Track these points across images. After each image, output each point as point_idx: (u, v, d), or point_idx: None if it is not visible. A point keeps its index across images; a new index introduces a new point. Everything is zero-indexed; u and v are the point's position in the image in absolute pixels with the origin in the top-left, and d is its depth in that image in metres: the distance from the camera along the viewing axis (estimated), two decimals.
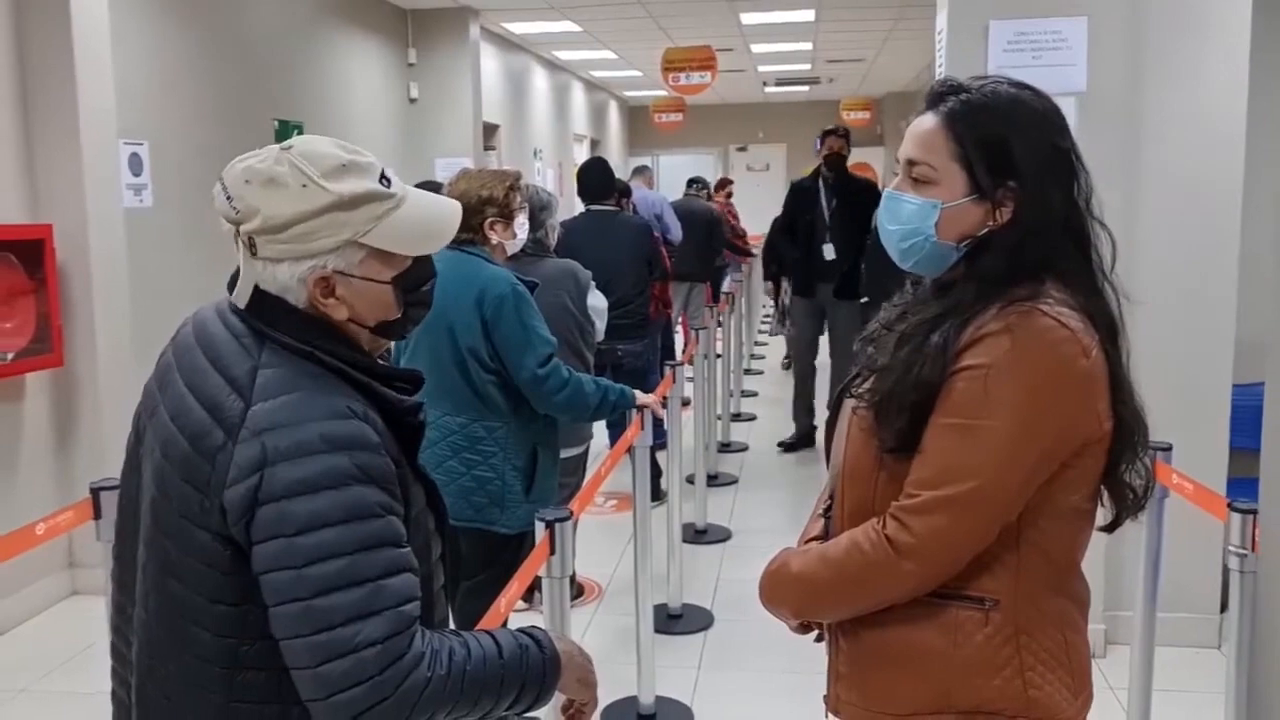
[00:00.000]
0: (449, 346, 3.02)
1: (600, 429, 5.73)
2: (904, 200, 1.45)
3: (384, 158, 5.77)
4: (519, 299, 3.00)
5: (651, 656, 3.38)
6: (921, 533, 1.34)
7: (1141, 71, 3.54)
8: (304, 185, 1.27)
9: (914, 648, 1.41)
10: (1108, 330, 1.39)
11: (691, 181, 9.83)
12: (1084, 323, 1.36)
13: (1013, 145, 1.38)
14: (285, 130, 6.45)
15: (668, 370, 4.11)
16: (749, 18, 9.83)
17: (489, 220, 3.10)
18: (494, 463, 3.04)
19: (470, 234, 3.06)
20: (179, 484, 1.30)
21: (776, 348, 10.35)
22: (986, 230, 1.41)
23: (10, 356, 3.96)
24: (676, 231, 8.34)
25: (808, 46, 11.88)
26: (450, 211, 1.42)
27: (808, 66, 13.67)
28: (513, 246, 3.25)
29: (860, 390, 1.46)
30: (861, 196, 6.23)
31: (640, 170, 8.71)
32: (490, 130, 9.95)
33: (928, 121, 1.43)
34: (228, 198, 1.30)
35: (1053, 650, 1.41)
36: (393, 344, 2.89)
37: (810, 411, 6.78)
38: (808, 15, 9.85)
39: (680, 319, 8.25)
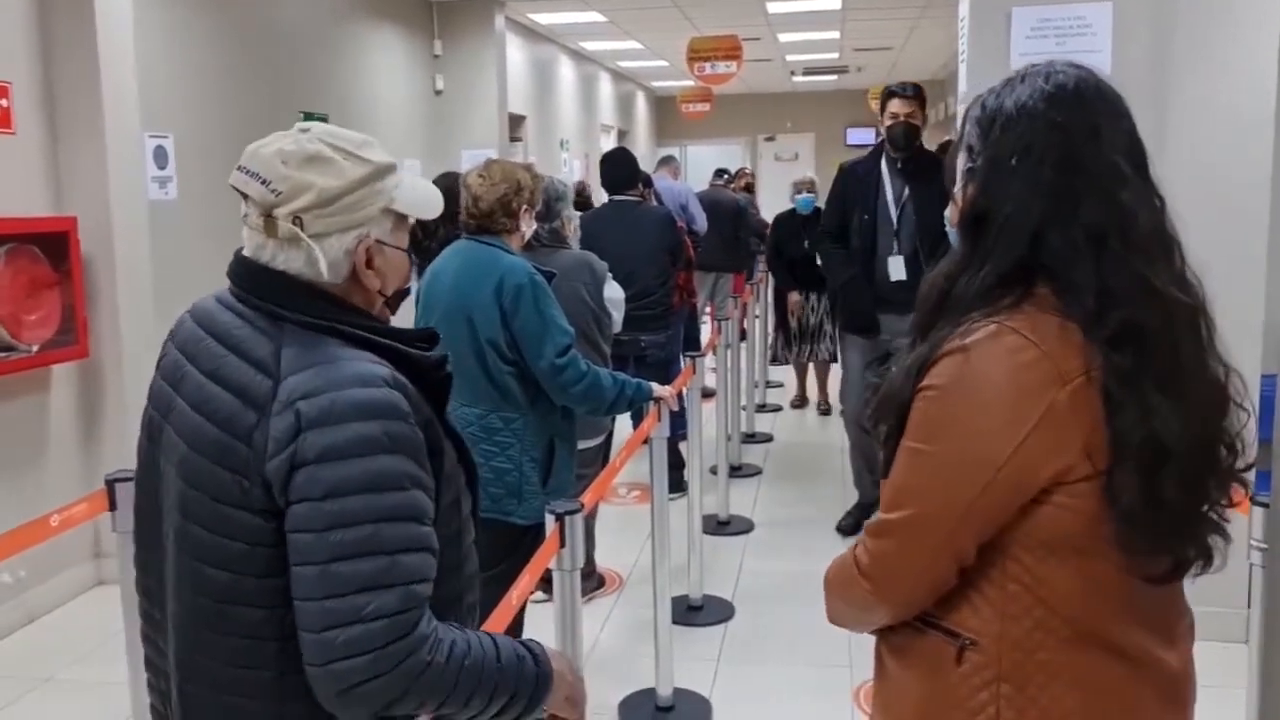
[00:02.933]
0: (467, 337, 3.02)
1: (623, 419, 5.73)
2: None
3: (410, 150, 5.83)
4: (537, 289, 3.00)
5: (670, 648, 3.37)
6: (873, 555, 1.32)
7: (1168, 57, 3.47)
8: (346, 158, 1.33)
9: (900, 672, 1.37)
10: (1132, 340, 1.20)
11: (719, 172, 9.82)
12: (1072, 341, 1.22)
13: (989, 124, 1.30)
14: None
15: (687, 361, 4.08)
16: (775, 6, 9.77)
17: (523, 207, 3.11)
18: (511, 454, 3.04)
19: (507, 219, 3.08)
20: (212, 470, 1.31)
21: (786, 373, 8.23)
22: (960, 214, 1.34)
23: (35, 348, 4.00)
24: (702, 222, 8.32)
25: (835, 35, 11.79)
26: (432, 184, 1.50)
27: (835, 55, 13.57)
28: (527, 235, 3.25)
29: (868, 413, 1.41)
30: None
31: (666, 160, 8.69)
32: (516, 121, 9.95)
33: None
34: (263, 182, 1.32)
35: (1055, 712, 1.26)
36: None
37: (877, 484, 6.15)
38: (834, 3, 9.77)
39: (707, 309, 8.22)
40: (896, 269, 4.46)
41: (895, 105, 4.49)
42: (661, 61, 13.50)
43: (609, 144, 14.71)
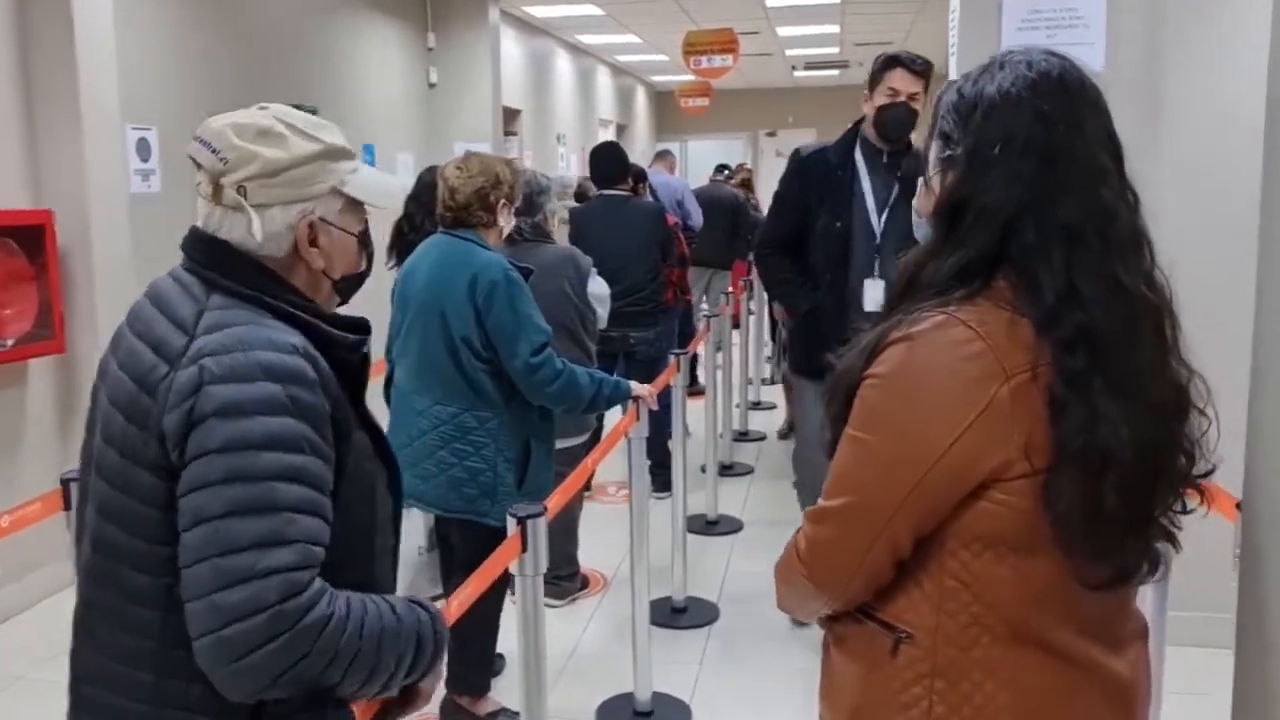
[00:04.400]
0: (441, 333, 2.96)
1: (614, 415, 5.67)
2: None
3: (404, 142, 5.75)
4: (512, 285, 2.94)
5: (648, 651, 3.31)
6: (810, 541, 1.31)
7: (1161, 50, 3.40)
8: (296, 134, 1.39)
9: (840, 661, 1.35)
10: (1087, 343, 1.17)
11: (720, 168, 9.78)
12: (1021, 336, 1.18)
13: (967, 112, 1.26)
14: None
15: (671, 359, 4.02)
16: (773, 0, 9.69)
17: (501, 201, 3.04)
18: (486, 454, 2.98)
19: (484, 213, 3.01)
20: (123, 425, 1.33)
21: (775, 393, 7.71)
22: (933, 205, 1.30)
23: (11, 343, 3.94)
24: (697, 218, 8.25)
25: (835, 29, 11.70)
26: (394, 177, 1.49)
27: (836, 50, 13.48)
28: (506, 230, 3.18)
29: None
30: None
31: (662, 155, 8.62)
32: (511, 115, 9.87)
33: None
34: (212, 150, 1.36)
35: (988, 710, 1.24)
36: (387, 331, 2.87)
37: None
38: None
39: (704, 304, 8.15)
40: (874, 296, 3.31)
41: (898, 79, 3.32)
42: (661, 56, 13.41)
43: (608, 138, 14.64)
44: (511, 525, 2.06)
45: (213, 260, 1.39)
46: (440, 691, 3.22)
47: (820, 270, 3.48)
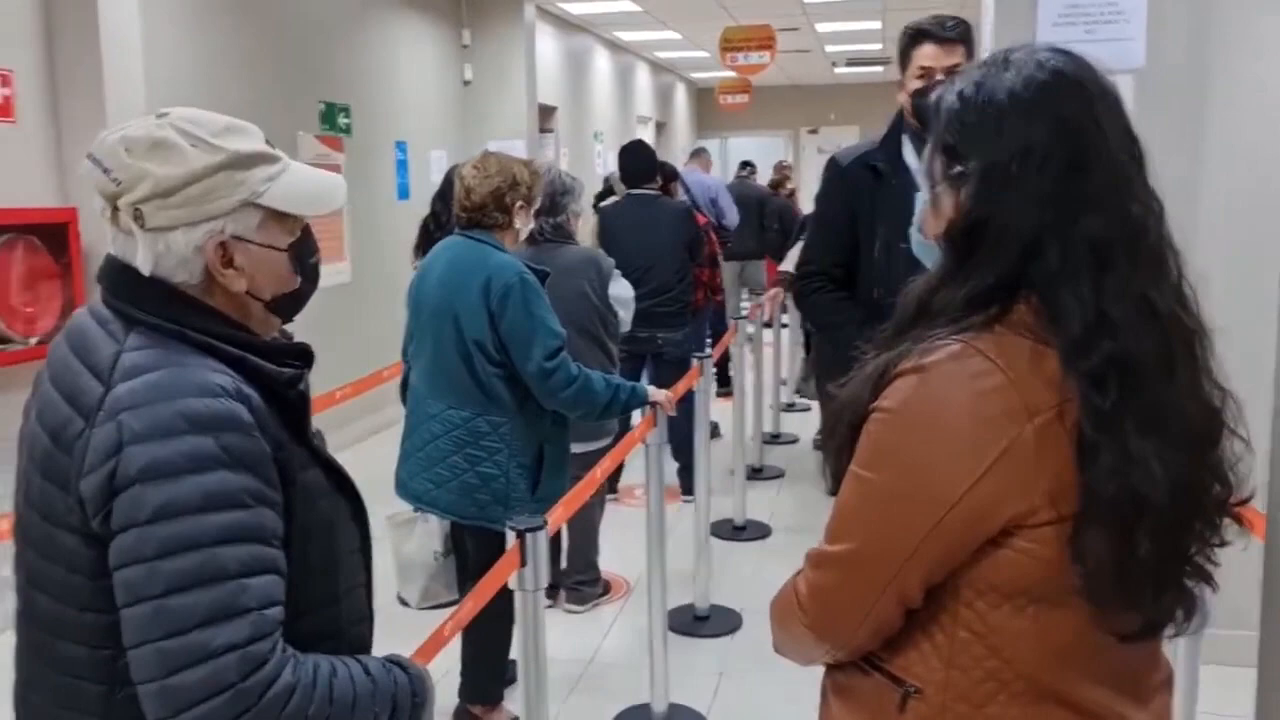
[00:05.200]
0: (454, 337, 2.91)
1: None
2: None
3: (438, 141, 5.71)
4: (526, 288, 2.87)
5: (665, 661, 3.23)
6: (812, 588, 1.20)
7: (1205, 45, 3.26)
8: (194, 145, 1.22)
9: (842, 713, 1.25)
10: (1119, 373, 1.07)
11: (744, 164, 9.74)
12: (1046, 369, 1.08)
13: (975, 119, 1.14)
14: (331, 113, 6.40)
15: (694, 362, 3.94)
16: None
17: (518, 203, 2.98)
18: (498, 459, 2.92)
19: (500, 214, 2.95)
20: (40, 484, 1.22)
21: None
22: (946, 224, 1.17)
23: (35, 340, 3.94)
24: (732, 216, 8.17)
25: (876, 25, 11.54)
26: (337, 178, 1.37)
27: (879, 46, 13.30)
28: (523, 235, 3.12)
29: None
30: None
31: (697, 153, 8.55)
32: (547, 112, 9.84)
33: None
34: (104, 170, 1.22)
35: None
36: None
37: None
38: None
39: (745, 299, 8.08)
40: None
41: (928, 55, 2.68)
42: (701, 52, 13.31)
43: (647, 136, 14.56)
44: (510, 539, 2.00)
45: (125, 291, 1.25)
46: (454, 700, 3.17)
47: (883, 303, 2.56)
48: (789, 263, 4.47)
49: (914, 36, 2.74)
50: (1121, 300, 1.08)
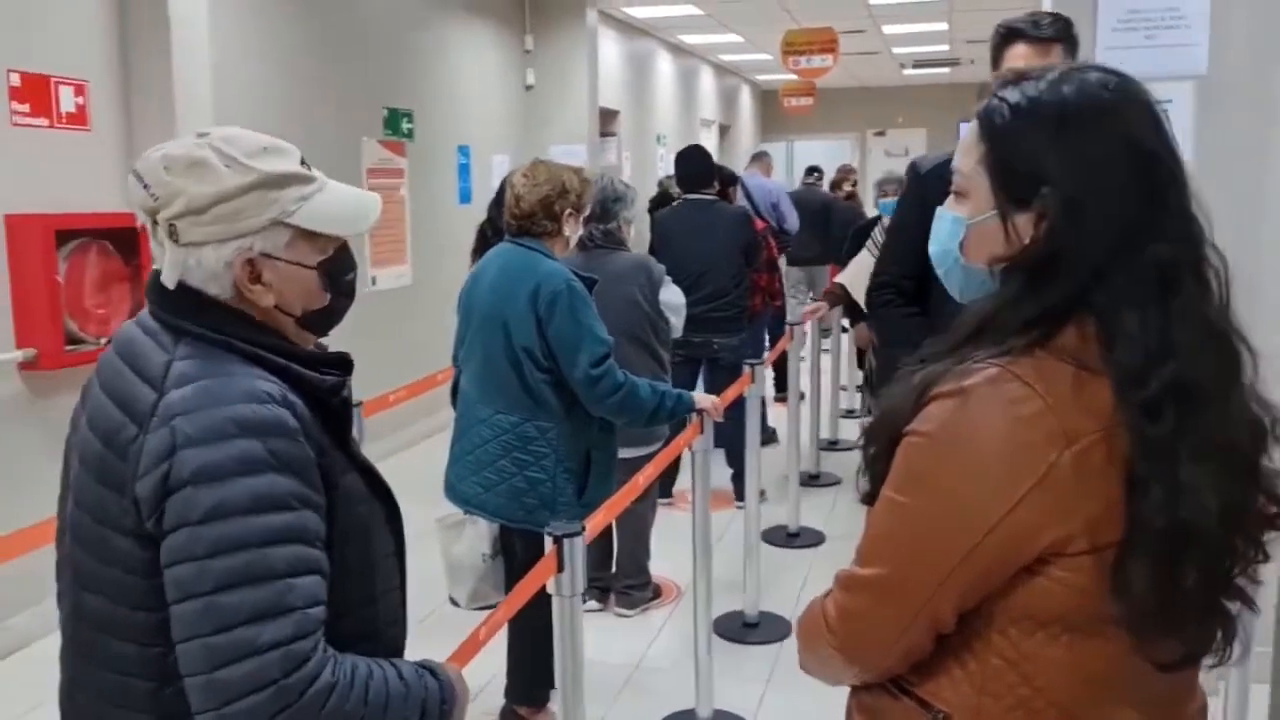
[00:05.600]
0: (503, 343, 2.95)
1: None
2: (942, 215, 1.25)
3: (500, 145, 5.77)
4: (574, 295, 2.90)
5: (710, 667, 3.24)
6: (841, 611, 1.19)
7: (1268, 51, 3.18)
8: (228, 165, 1.26)
9: None
10: (1177, 401, 1.04)
11: (811, 170, 9.72)
12: (1088, 396, 1.06)
13: (1044, 144, 1.11)
14: (395, 119, 6.51)
15: (745, 369, 3.94)
16: None
17: (567, 211, 3.02)
18: (546, 464, 2.96)
19: (549, 221, 2.99)
20: (95, 488, 1.26)
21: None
22: (1015, 252, 1.14)
23: (105, 341, 4.07)
24: (793, 221, 8.14)
25: (944, 27, 11.40)
26: (372, 199, 1.40)
27: (946, 48, 13.14)
28: (573, 242, 3.15)
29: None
30: None
31: (758, 157, 8.54)
32: (609, 116, 9.89)
33: (971, 122, 1.21)
34: (145, 186, 1.27)
35: None
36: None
37: None
38: None
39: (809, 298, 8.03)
40: None
41: (1019, 55, 2.48)
42: (765, 55, 13.26)
43: (710, 139, 14.54)
44: (548, 544, 2.02)
45: (172, 304, 1.30)
46: (500, 701, 3.21)
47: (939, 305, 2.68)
48: (846, 275, 4.42)
49: (1005, 36, 2.52)
50: (1187, 324, 1.07)
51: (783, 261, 8.54)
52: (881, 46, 12.75)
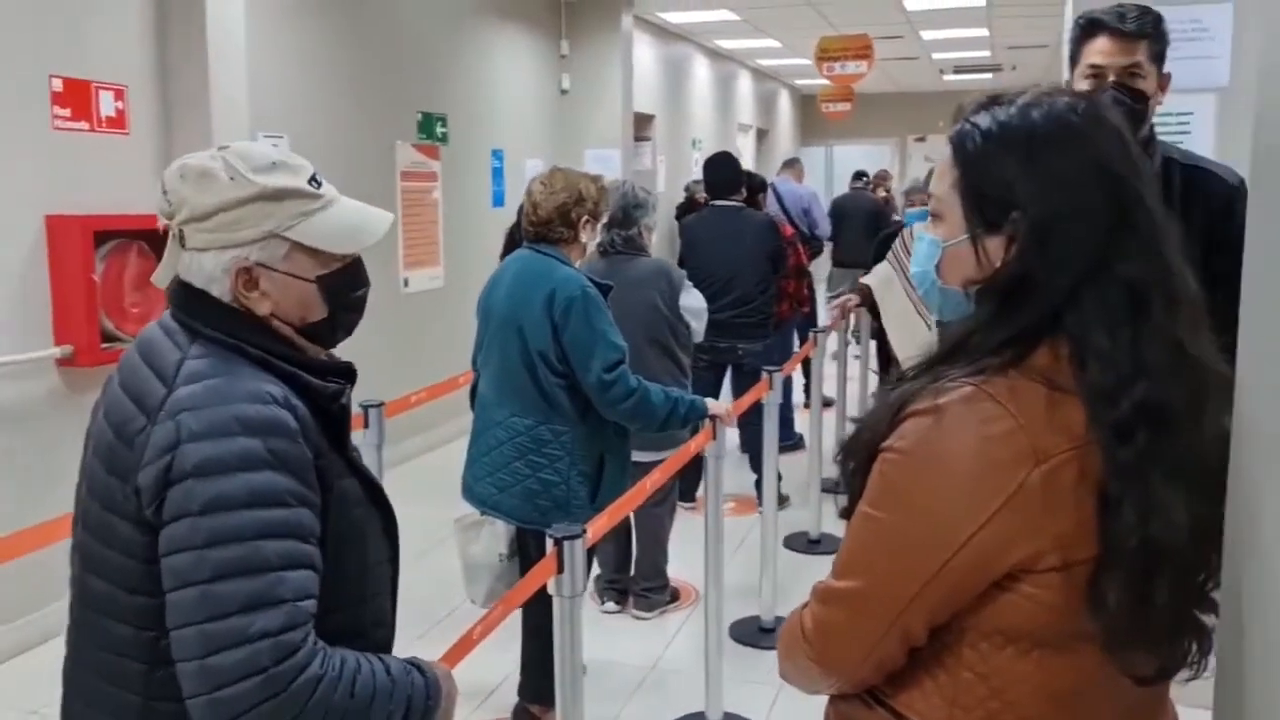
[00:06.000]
0: (518, 347, 3.01)
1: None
2: (920, 236, 1.27)
3: (534, 149, 5.84)
4: (589, 301, 2.95)
5: (721, 670, 3.28)
6: (817, 622, 1.21)
7: None
8: (232, 178, 1.33)
9: None
10: (1148, 423, 1.06)
11: (858, 174, 9.78)
12: (1060, 415, 1.08)
13: (1014, 169, 1.13)
14: (429, 123, 6.60)
15: (764, 375, 3.96)
16: (913, 3, 9.45)
17: (584, 218, 3.07)
18: (559, 467, 3.00)
19: (565, 229, 3.04)
20: (103, 476, 1.33)
21: None
22: (987, 275, 1.17)
23: None
24: (825, 227, 8.16)
25: (984, 33, 11.33)
26: (379, 219, 1.45)
27: (987, 53, 13.06)
28: (590, 248, 3.20)
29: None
30: (1215, 200, 2.25)
31: (790, 163, 8.57)
32: (645, 120, 9.93)
33: (946, 145, 1.23)
34: (164, 192, 1.35)
35: None
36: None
37: None
38: (978, 0, 9.38)
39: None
40: None
41: (1100, 49, 2.26)
42: (803, 59, 13.25)
43: (748, 144, 14.55)
44: (549, 545, 2.07)
45: (186, 305, 1.37)
46: (512, 699, 3.27)
47: None
48: (875, 275, 4.41)
49: (1085, 28, 2.33)
50: (1157, 344, 1.09)
51: (820, 266, 8.53)
52: (920, 52, 12.69)
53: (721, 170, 5.40)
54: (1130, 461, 1.06)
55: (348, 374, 1.46)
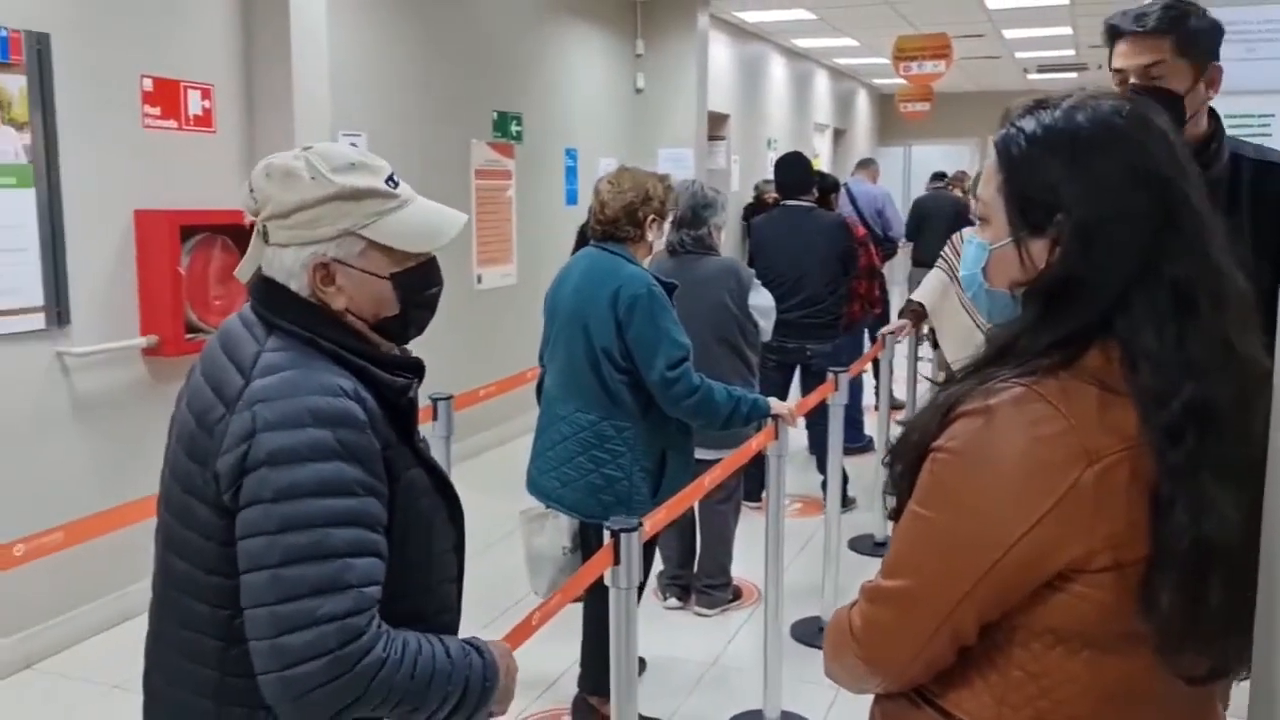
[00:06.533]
0: (583, 343, 3.05)
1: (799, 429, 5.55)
2: (969, 240, 1.28)
3: (608, 148, 5.91)
4: (653, 300, 2.99)
5: (780, 668, 3.29)
6: (866, 621, 1.22)
7: None
8: (313, 177, 1.39)
9: None
10: (1198, 422, 1.06)
11: (938, 175, 9.69)
12: (1112, 416, 1.08)
13: (1058, 172, 1.14)
14: (504, 122, 6.70)
15: (830, 376, 3.96)
16: (995, 2, 9.31)
17: (650, 217, 3.11)
18: (622, 462, 3.04)
19: (632, 228, 3.09)
20: (185, 461, 1.40)
21: None
22: (1031, 278, 1.18)
23: None
24: (899, 228, 8.08)
25: (1067, 31, 11.11)
26: (453, 219, 1.49)
27: (1071, 52, 12.78)
28: (657, 247, 3.24)
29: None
30: None
31: (864, 164, 8.49)
32: (719, 120, 9.94)
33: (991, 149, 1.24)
34: (250, 190, 1.42)
35: None
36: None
37: None
38: None
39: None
40: None
41: (1121, 55, 2.25)
42: (881, 59, 13.12)
43: (824, 144, 14.46)
44: (606, 537, 2.11)
45: (265, 298, 1.43)
46: (572, 690, 3.32)
47: None
48: (922, 292, 4.26)
49: (1108, 34, 2.31)
50: (1204, 344, 1.09)
51: (899, 267, 8.42)
52: (1003, 51, 12.48)
53: (792, 170, 5.39)
54: (1181, 463, 1.06)
55: (416, 369, 1.51)
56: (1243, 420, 1.09)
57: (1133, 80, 2.22)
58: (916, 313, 4.30)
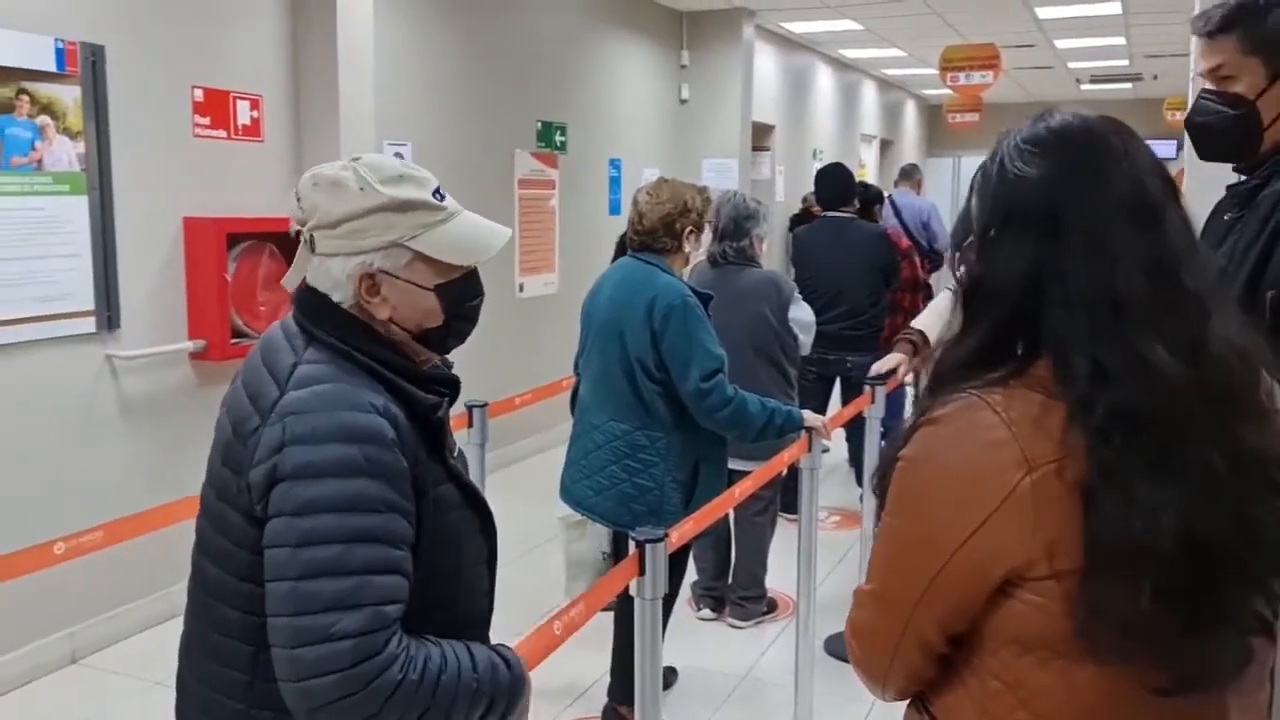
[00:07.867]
0: (618, 353, 3.07)
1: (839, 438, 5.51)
2: None
3: (652, 158, 5.96)
4: (688, 311, 3.00)
5: (810, 684, 3.27)
6: (850, 622, 1.26)
7: None
8: (361, 188, 1.40)
9: None
10: (1122, 426, 1.06)
11: None
12: (1051, 424, 1.08)
13: (982, 180, 1.21)
14: (548, 132, 6.75)
15: (866, 388, 3.93)
16: (1046, 12, 9.20)
17: (688, 229, 3.12)
18: (654, 472, 3.05)
19: (669, 239, 3.10)
20: (220, 469, 1.42)
21: None
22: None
23: None
24: (944, 240, 7.98)
25: (1121, 41, 10.96)
26: (498, 233, 1.50)
27: (1125, 62, 12.61)
28: (694, 259, 3.25)
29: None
30: None
31: (908, 174, 8.40)
32: (765, 130, 9.92)
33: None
34: (297, 199, 1.43)
35: None
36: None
37: None
38: (1114, 8, 9.09)
39: None
40: None
41: (1198, 51, 2.05)
42: (929, 69, 13.03)
43: (870, 154, 14.38)
44: (632, 547, 2.12)
45: (308, 310, 1.44)
46: (603, 699, 3.33)
47: None
48: (924, 318, 3.51)
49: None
50: (1115, 354, 1.08)
51: (946, 279, 8.28)
52: (1055, 61, 12.34)
53: (832, 182, 5.38)
54: (1109, 463, 1.05)
55: (452, 385, 1.52)
56: (1174, 430, 1.07)
57: (1204, 86, 1.99)
58: (914, 343, 3.40)
